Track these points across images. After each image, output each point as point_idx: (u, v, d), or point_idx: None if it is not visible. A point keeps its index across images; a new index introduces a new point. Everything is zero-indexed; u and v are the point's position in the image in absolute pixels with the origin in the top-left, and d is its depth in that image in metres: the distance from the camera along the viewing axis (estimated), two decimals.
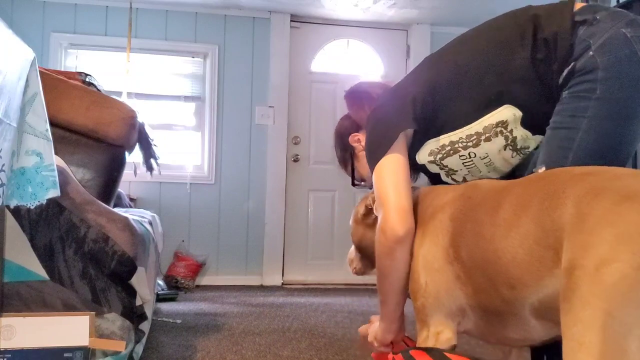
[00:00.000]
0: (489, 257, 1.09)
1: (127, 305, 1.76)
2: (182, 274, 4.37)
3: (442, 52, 1.46)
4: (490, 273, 1.09)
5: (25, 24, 4.37)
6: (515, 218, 1.05)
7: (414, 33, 4.88)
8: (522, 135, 1.36)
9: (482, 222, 1.14)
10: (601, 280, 0.78)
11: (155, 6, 4.58)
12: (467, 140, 1.38)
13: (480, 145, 1.38)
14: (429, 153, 1.45)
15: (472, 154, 1.40)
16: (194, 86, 4.75)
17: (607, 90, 1.20)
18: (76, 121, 2.12)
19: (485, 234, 1.12)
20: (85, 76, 2.49)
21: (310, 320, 3.12)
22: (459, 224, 1.21)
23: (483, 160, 1.42)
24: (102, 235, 1.73)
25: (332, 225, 4.88)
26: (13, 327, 1.63)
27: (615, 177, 0.90)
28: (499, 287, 1.08)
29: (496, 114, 1.34)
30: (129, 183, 4.20)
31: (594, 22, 1.24)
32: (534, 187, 1.06)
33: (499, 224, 1.09)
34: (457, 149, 1.41)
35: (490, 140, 1.37)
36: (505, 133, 1.36)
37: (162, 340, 2.54)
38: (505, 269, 1.05)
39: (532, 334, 1.09)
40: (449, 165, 1.46)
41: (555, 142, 1.26)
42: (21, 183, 1.45)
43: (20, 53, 1.37)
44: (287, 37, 4.77)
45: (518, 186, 1.12)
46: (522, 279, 1.01)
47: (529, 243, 1.00)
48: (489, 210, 1.14)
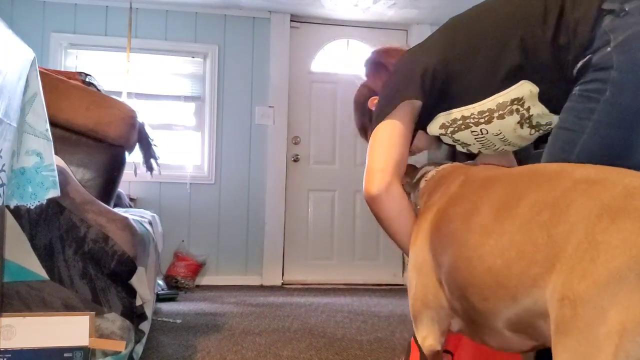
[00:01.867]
0: (460, 265, 1.01)
1: (127, 305, 1.76)
2: (182, 274, 4.37)
3: (458, 22, 1.39)
4: (462, 282, 1.01)
5: (25, 24, 4.37)
6: (495, 223, 0.95)
7: (414, 33, 4.87)
8: (539, 112, 1.28)
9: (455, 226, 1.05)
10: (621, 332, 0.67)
11: (155, 6, 4.58)
12: (479, 117, 1.32)
13: (492, 122, 1.32)
14: (440, 126, 1.40)
15: (484, 130, 1.35)
16: (194, 86, 4.75)
17: (617, 94, 1.11)
18: (76, 121, 2.12)
19: (459, 240, 1.03)
20: (85, 76, 2.49)
21: (310, 320, 3.12)
22: (436, 226, 1.15)
23: (497, 136, 1.36)
24: (102, 235, 1.73)
25: (332, 225, 4.88)
26: (13, 327, 1.63)
27: (629, 194, 0.77)
28: (470, 297, 1.00)
29: (511, 91, 1.26)
30: (129, 183, 4.20)
31: (621, 13, 1.12)
32: (521, 188, 0.95)
33: (473, 229, 0.99)
34: (468, 124, 1.35)
35: (504, 118, 1.30)
36: (522, 111, 1.28)
37: (162, 340, 2.54)
38: (478, 280, 0.96)
39: (511, 345, 1.01)
40: (461, 139, 1.41)
41: (558, 144, 1.20)
42: (21, 183, 1.45)
43: (20, 53, 1.37)
44: (287, 37, 4.77)
45: (500, 184, 1.02)
46: (497, 293, 0.92)
47: (510, 255, 0.89)
48: (464, 212, 1.05)
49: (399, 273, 4.93)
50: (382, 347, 2.51)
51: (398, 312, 3.46)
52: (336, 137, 4.90)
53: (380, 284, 4.80)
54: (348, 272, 4.86)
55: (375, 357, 2.34)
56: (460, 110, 1.34)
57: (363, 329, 2.93)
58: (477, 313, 1.00)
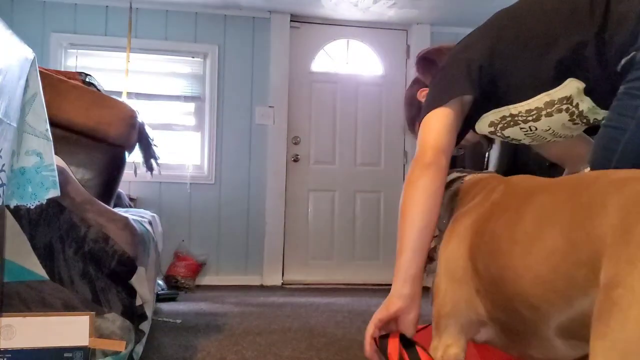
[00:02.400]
0: (506, 276, 0.99)
1: (127, 305, 1.76)
2: (182, 273, 4.37)
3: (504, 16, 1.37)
4: (509, 292, 0.98)
5: (26, 24, 4.36)
6: (538, 231, 0.94)
7: (414, 33, 4.87)
8: (589, 107, 1.26)
9: (499, 236, 1.03)
10: None
11: (155, 6, 4.58)
12: (526, 115, 1.31)
13: (540, 120, 1.31)
14: (489, 124, 1.39)
15: (533, 127, 1.33)
16: (194, 86, 4.75)
17: None
18: (76, 121, 2.12)
19: (503, 249, 1.01)
20: (85, 76, 2.49)
21: (311, 320, 3.12)
22: (477, 234, 1.11)
23: (547, 131, 1.35)
24: (102, 235, 1.73)
25: (332, 225, 4.88)
26: (13, 327, 1.63)
27: None
28: (518, 307, 0.97)
29: (558, 90, 1.25)
30: (129, 183, 4.20)
31: None
32: (561, 196, 0.95)
33: (518, 239, 0.98)
34: (517, 122, 1.34)
35: (552, 116, 1.29)
36: (572, 109, 1.27)
37: (162, 340, 2.54)
38: (526, 289, 0.94)
39: (557, 354, 0.97)
40: (510, 136, 1.40)
41: (602, 142, 1.19)
42: (21, 183, 1.45)
43: (20, 53, 1.37)
44: (287, 37, 4.77)
45: (542, 194, 1.01)
46: (548, 300, 0.90)
47: (555, 260, 0.88)
48: (508, 221, 1.04)
49: None
50: None
51: None
52: (336, 137, 4.90)
53: (380, 284, 4.80)
54: (348, 272, 4.86)
55: None
56: (508, 108, 1.33)
57: (363, 329, 2.91)
58: (525, 323, 0.97)
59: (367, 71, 4.97)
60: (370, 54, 4.99)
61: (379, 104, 4.92)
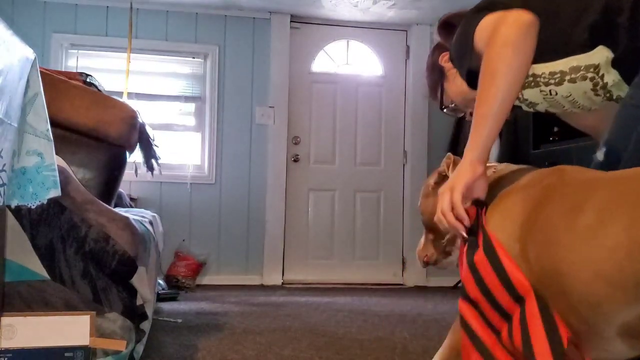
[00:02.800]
0: (562, 269, 0.93)
1: (127, 304, 1.77)
2: (182, 273, 4.37)
3: None
4: (565, 287, 0.93)
5: (26, 24, 4.37)
6: (601, 226, 0.90)
7: (414, 33, 4.88)
8: (614, 79, 1.22)
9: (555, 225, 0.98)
10: None
11: (156, 7, 4.59)
12: (549, 77, 1.28)
13: (563, 84, 1.28)
14: None
15: (554, 91, 1.30)
16: (194, 86, 4.76)
17: None
18: (77, 121, 2.12)
19: (560, 240, 0.95)
20: (86, 76, 2.49)
21: (311, 320, 3.13)
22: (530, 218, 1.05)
23: (567, 98, 1.32)
24: (103, 234, 1.73)
25: (332, 224, 4.89)
26: (14, 326, 1.63)
27: None
28: (574, 303, 0.92)
29: (587, 57, 1.21)
30: (129, 183, 4.20)
31: None
32: (623, 190, 0.92)
33: (578, 230, 0.93)
34: (538, 83, 1.31)
35: (575, 82, 1.26)
36: (596, 79, 1.23)
37: (162, 340, 2.54)
38: (586, 286, 0.89)
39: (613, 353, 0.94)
40: (529, 99, 1.37)
41: (621, 121, 1.16)
42: (22, 183, 1.45)
43: (21, 53, 1.38)
44: (287, 38, 4.77)
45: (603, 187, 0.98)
46: (613, 296, 0.86)
47: (619, 256, 0.84)
48: (566, 211, 0.98)
49: (399, 272, 4.94)
50: (382, 347, 2.51)
51: (398, 312, 3.46)
52: (336, 137, 4.90)
53: (380, 283, 4.81)
54: (348, 271, 4.86)
55: (375, 356, 2.34)
56: (532, 67, 1.28)
57: (363, 328, 2.93)
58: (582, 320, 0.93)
59: (367, 71, 4.98)
60: (370, 55, 5.00)
61: (379, 104, 4.93)
